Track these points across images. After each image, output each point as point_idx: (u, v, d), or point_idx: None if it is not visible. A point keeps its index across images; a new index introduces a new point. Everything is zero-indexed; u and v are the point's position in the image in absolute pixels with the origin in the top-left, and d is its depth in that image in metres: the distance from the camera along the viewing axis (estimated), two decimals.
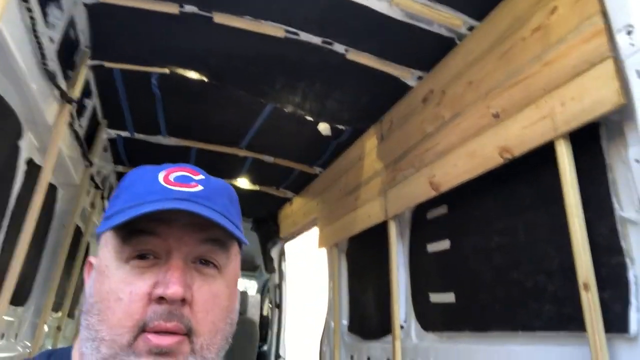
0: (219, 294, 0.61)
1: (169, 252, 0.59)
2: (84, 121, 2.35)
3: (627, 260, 1.17)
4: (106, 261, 0.61)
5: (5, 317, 1.93)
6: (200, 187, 0.63)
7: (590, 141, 1.28)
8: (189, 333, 0.57)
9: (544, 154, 1.38)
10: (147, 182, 0.63)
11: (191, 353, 0.57)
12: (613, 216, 1.21)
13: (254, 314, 4.86)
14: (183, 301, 0.57)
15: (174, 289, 0.56)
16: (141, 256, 0.59)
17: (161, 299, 0.56)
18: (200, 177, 0.65)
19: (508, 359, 1.54)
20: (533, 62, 1.41)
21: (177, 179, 0.63)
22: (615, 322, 1.17)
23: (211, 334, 0.59)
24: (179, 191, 0.61)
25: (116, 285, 0.58)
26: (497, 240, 1.65)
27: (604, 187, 1.24)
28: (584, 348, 1.21)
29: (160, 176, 0.63)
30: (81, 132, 2.28)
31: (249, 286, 5.50)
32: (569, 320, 1.31)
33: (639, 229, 1.15)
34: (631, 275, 1.16)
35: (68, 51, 1.86)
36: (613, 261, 1.20)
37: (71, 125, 2.08)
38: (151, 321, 0.55)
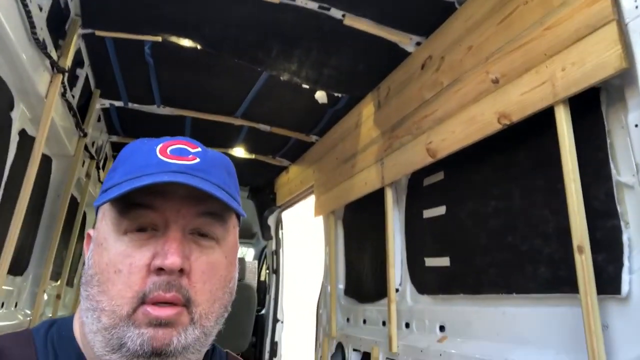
0: (217, 264, 0.63)
1: (167, 224, 0.60)
2: (77, 91, 2.31)
3: (622, 224, 1.20)
4: (104, 234, 0.61)
5: (4, 287, 1.95)
6: (197, 160, 0.63)
7: (590, 106, 1.29)
8: (187, 304, 0.59)
9: (543, 119, 1.39)
10: (143, 155, 0.63)
11: (190, 323, 0.59)
12: (610, 181, 1.23)
13: (251, 279, 4.94)
14: (181, 272, 0.58)
15: (172, 259, 0.57)
16: (139, 229, 0.60)
17: (160, 270, 0.57)
18: (198, 149, 0.66)
19: (501, 320, 1.59)
20: (534, 27, 1.39)
21: (174, 151, 0.64)
22: (608, 284, 1.20)
23: (209, 303, 0.61)
24: (175, 164, 0.62)
25: (115, 258, 0.59)
26: (493, 205, 1.67)
27: (602, 152, 1.25)
28: (576, 309, 1.25)
29: (157, 149, 0.64)
30: (74, 102, 2.25)
31: (247, 253, 5.57)
32: (562, 282, 1.35)
33: (635, 192, 1.17)
34: (625, 238, 1.19)
35: (58, 20, 1.81)
36: (608, 224, 1.23)
37: (63, 95, 2.04)
38: (150, 292, 0.57)
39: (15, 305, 2.20)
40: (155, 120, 2.98)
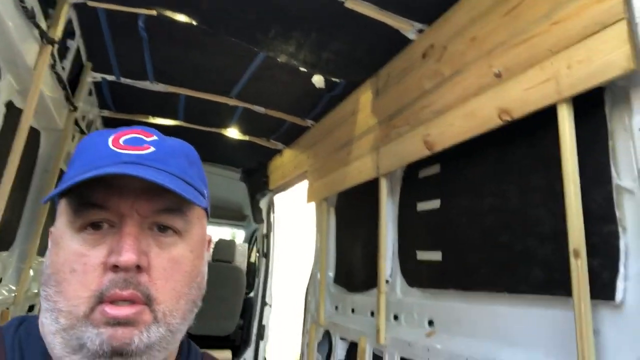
0: (181, 260, 0.60)
1: (122, 220, 0.57)
2: (67, 63, 2.24)
3: (620, 229, 1.17)
4: (60, 231, 0.59)
5: None
6: (152, 149, 0.60)
7: (593, 106, 1.25)
8: (148, 301, 0.56)
9: (544, 117, 1.35)
10: (96, 148, 0.60)
11: (154, 321, 0.57)
12: (609, 184, 1.20)
13: (241, 262, 4.93)
14: (139, 268, 0.56)
15: (126, 257, 0.54)
16: (94, 225, 0.57)
17: (116, 268, 0.55)
18: (154, 138, 0.62)
19: (491, 318, 1.57)
20: (541, 21, 1.35)
21: (127, 141, 0.60)
22: (602, 290, 1.18)
23: (173, 300, 0.58)
24: (127, 154, 0.59)
25: (70, 257, 0.56)
26: (489, 202, 1.64)
27: (603, 154, 1.22)
28: (568, 312, 1.24)
29: (110, 140, 0.60)
30: (64, 75, 2.18)
31: (237, 235, 5.56)
32: (555, 284, 1.33)
33: (634, 198, 1.14)
34: (622, 244, 1.16)
35: None
36: (605, 229, 1.20)
37: (53, 67, 1.98)
38: (107, 290, 0.55)
39: (0, 281, 2.16)
40: (149, 97, 2.92)
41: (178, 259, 0.60)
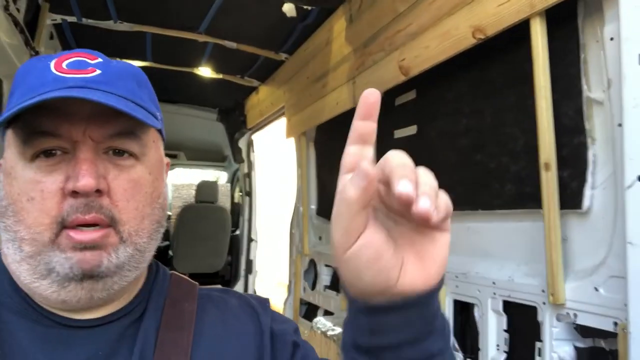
0: (140, 181, 0.60)
1: (75, 147, 0.56)
2: (22, 4, 2.11)
3: (589, 140, 1.21)
4: (11, 162, 0.57)
5: None
6: (97, 72, 0.58)
7: (566, 19, 1.24)
8: (112, 223, 0.56)
9: (518, 34, 1.34)
10: (38, 74, 0.57)
11: (120, 242, 0.57)
12: (580, 97, 1.22)
13: (224, 202, 4.98)
14: (99, 192, 0.55)
15: (84, 181, 0.53)
16: (47, 152, 0.56)
17: (75, 193, 0.54)
18: (98, 60, 0.60)
19: (467, 235, 1.64)
20: None
21: (71, 65, 0.58)
22: (570, 199, 1.23)
23: (137, 220, 0.59)
24: (73, 78, 0.56)
25: (25, 186, 0.55)
26: (464, 123, 1.66)
27: (575, 67, 1.23)
28: (538, 224, 1.30)
29: (52, 64, 0.57)
30: (20, 17, 2.05)
31: (220, 177, 5.57)
32: (527, 198, 1.38)
33: (603, 109, 1.17)
34: (590, 154, 1.20)
35: None
36: (575, 141, 1.24)
37: (7, 8, 1.86)
38: (69, 216, 0.54)
39: None
40: (114, 37, 2.79)
41: (137, 180, 0.59)
